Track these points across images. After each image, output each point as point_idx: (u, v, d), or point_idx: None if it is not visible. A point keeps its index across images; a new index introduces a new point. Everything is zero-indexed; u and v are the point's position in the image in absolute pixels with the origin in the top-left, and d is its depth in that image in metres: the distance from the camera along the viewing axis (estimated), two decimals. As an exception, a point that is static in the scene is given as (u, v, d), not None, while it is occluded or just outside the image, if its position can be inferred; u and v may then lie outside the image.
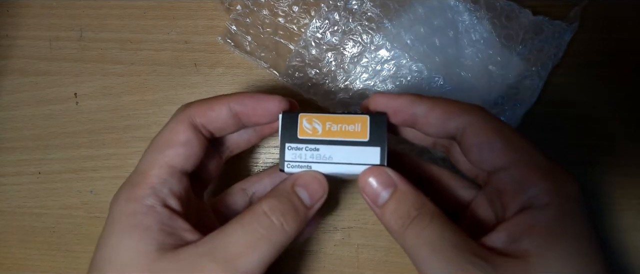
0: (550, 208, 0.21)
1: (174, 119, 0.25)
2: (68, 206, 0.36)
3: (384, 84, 0.35)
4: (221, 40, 0.35)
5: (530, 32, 0.34)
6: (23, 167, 0.36)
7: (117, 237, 0.22)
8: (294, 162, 0.24)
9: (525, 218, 0.21)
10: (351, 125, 0.24)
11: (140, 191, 0.23)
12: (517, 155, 0.22)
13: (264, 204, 0.23)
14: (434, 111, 0.24)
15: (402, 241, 0.22)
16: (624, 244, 0.34)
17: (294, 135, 0.24)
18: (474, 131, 0.23)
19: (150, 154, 0.24)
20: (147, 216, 0.22)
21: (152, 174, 0.23)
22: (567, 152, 0.34)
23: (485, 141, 0.23)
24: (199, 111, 0.25)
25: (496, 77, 0.34)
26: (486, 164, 0.23)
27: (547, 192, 0.21)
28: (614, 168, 0.34)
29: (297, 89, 0.35)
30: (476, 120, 0.23)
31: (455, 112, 0.23)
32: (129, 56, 0.36)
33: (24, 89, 0.37)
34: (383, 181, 0.23)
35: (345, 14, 0.35)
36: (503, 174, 0.22)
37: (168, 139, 0.24)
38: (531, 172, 0.22)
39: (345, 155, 0.24)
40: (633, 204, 0.34)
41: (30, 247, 0.36)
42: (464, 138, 0.23)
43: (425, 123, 0.24)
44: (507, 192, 0.22)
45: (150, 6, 0.37)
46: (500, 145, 0.22)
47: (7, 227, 0.36)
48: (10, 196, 0.36)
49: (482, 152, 0.23)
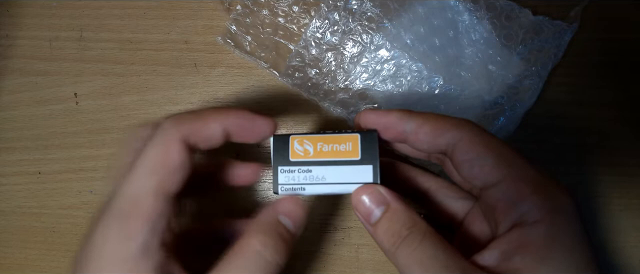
0: (541, 224, 0.21)
1: (166, 136, 0.22)
2: (68, 206, 0.36)
3: (383, 84, 0.35)
4: (221, 40, 0.36)
5: (530, 32, 0.34)
6: (23, 167, 0.36)
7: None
8: (288, 185, 0.24)
9: (516, 235, 0.21)
10: (342, 144, 0.24)
11: (135, 227, 0.20)
12: (507, 170, 0.22)
13: (256, 241, 0.22)
14: (423, 128, 0.24)
15: (394, 260, 0.22)
16: (622, 244, 0.34)
17: (286, 157, 0.24)
18: (464, 147, 0.23)
19: (142, 177, 0.21)
20: (142, 261, 0.20)
21: (147, 205, 0.21)
22: (566, 152, 0.34)
23: (475, 157, 0.23)
24: (194, 128, 0.23)
25: (496, 77, 0.34)
26: (477, 181, 0.23)
27: (538, 208, 0.21)
28: (614, 168, 0.34)
29: (297, 89, 0.35)
30: (466, 135, 0.23)
31: (445, 127, 0.23)
32: (129, 56, 0.36)
33: (24, 89, 0.37)
34: (375, 199, 0.23)
35: (345, 14, 0.35)
36: (494, 190, 0.22)
37: (163, 161, 0.22)
38: (522, 188, 0.22)
39: (338, 175, 0.24)
40: (633, 204, 0.34)
41: (30, 247, 0.36)
42: (454, 154, 0.23)
43: (415, 139, 0.24)
44: (499, 208, 0.22)
45: (150, 6, 0.37)
46: (491, 161, 0.22)
47: (7, 227, 0.36)
48: (10, 196, 0.36)
49: (472, 168, 0.23)
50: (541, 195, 0.21)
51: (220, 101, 0.36)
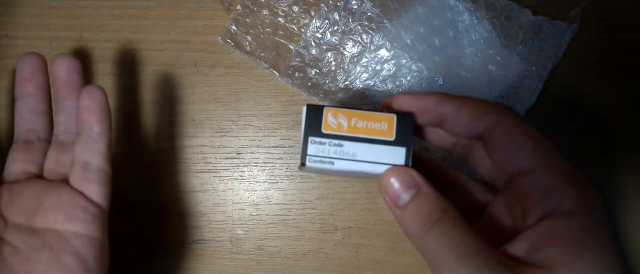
0: (575, 216, 0.20)
1: None
2: (68, 206, 0.36)
3: (383, 84, 0.35)
4: (221, 40, 0.36)
5: (530, 32, 0.34)
6: (23, 167, 0.36)
7: None
8: (317, 157, 0.23)
9: (549, 226, 0.21)
10: (377, 123, 0.24)
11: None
12: (544, 159, 0.22)
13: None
14: (462, 111, 0.23)
15: (421, 245, 0.22)
16: (626, 243, 0.34)
17: (318, 129, 0.24)
18: (502, 130, 0.22)
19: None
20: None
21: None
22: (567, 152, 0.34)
23: (513, 141, 0.22)
24: None
25: (496, 77, 0.34)
26: (511, 166, 0.23)
27: (572, 200, 0.21)
28: (614, 168, 0.34)
29: (297, 89, 0.35)
30: (505, 120, 0.23)
31: (484, 111, 0.23)
32: (129, 56, 0.36)
33: (24, 89, 0.37)
34: (406, 181, 0.23)
35: (345, 14, 0.35)
36: (528, 177, 0.22)
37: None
38: (558, 178, 0.21)
39: (370, 153, 0.23)
40: (633, 203, 0.34)
41: (30, 247, 0.36)
42: (491, 138, 0.23)
43: (453, 123, 0.24)
44: (531, 196, 0.22)
45: (150, 6, 0.37)
46: (528, 147, 0.22)
47: (7, 227, 0.36)
48: (10, 196, 0.36)
49: (508, 153, 0.22)
50: (576, 188, 0.21)
51: (221, 101, 0.36)
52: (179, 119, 0.36)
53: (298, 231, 0.35)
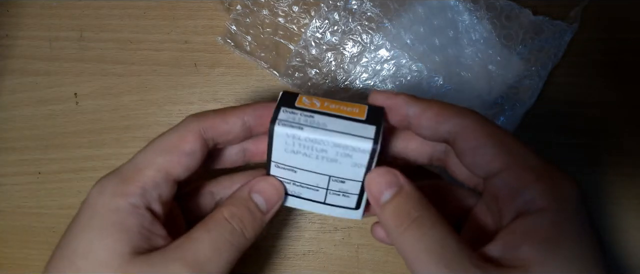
0: (547, 212, 0.20)
1: (183, 126, 0.25)
2: (68, 206, 0.36)
3: (383, 84, 0.35)
4: (221, 40, 0.36)
5: (530, 32, 0.34)
6: (23, 167, 0.36)
7: (96, 233, 0.22)
8: (287, 122, 0.23)
9: (521, 225, 0.21)
10: (350, 107, 0.24)
11: (130, 188, 0.23)
12: (510, 158, 0.22)
13: (225, 210, 0.24)
14: (426, 113, 0.23)
15: (399, 243, 0.22)
16: (624, 244, 0.34)
17: (292, 103, 0.24)
18: (467, 134, 0.23)
19: (150, 153, 0.24)
20: (130, 216, 0.22)
21: (146, 174, 0.23)
22: (566, 152, 0.34)
23: (478, 144, 0.22)
24: (212, 123, 0.25)
25: (496, 77, 0.34)
26: (480, 169, 0.23)
27: (542, 196, 0.21)
28: (614, 168, 0.34)
29: (297, 89, 0.35)
30: (470, 123, 0.23)
31: (449, 114, 0.23)
32: (129, 56, 0.36)
33: (24, 89, 0.37)
34: (388, 180, 0.23)
35: (345, 14, 0.35)
36: (496, 178, 0.22)
37: (173, 145, 0.24)
38: (525, 175, 0.21)
39: (339, 125, 0.23)
40: (633, 204, 0.34)
41: (30, 247, 0.36)
42: (457, 142, 0.23)
43: (418, 124, 0.24)
44: (502, 197, 0.22)
45: (150, 6, 0.37)
46: (493, 149, 0.22)
47: (7, 227, 0.36)
48: (10, 196, 0.36)
49: (474, 156, 0.22)
50: (545, 182, 0.21)
51: (221, 101, 0.36)
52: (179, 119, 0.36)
53: (298, 231, 0.35)
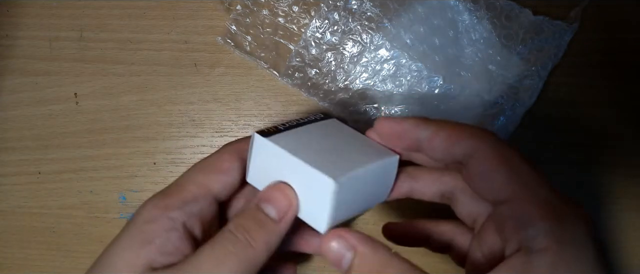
0: (547, 253, 0.19)
1: (222, 148, 0.26)
2: (68, 206, 0.36)
3: (383, 84, 0.35)
4: (221, 40, 0.36)
5: (530, 32, 0.34)
6: (23, 167, 0.36)
7: (124, 244, 0.23)
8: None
9: (520, 262, 0.20)
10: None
11: (170, 201, 0.23)
12: (518, 188, 0.21)
13: (230, 223, 0.23)
14: (439, 134, 0.23)
15: None
16: (624, 244, 0.34)
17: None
18: (480, 157, 0.22)
19: (191, 172, 0.25)
20: (159, 230, 0.23)
21: (187, 189, 0.24)
22: (566, 152, 0.34)
23: (489, 169, 0.21)
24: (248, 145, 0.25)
25: (496, 77, 0.34)
26: (488, 194, 0.22)
27: (545, 236, 0.20)
28: (614, 168, 0.34)
29: (297, 89, 0.35)
30: (483, 146, 0.22)
31: (462, 136, 0.22)
32: (129, 56, 0.36)
33: (24, 89, 0.37)
34: (340, 246, 0.22)
35: (345, 14, 0.35)
36: (504, 207, 0.21)
37: (212, 164, 0.25)
38: (531, 210, 0.20)
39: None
40: (633, 203, 0.34)
41: (30, 247, 0.36)
42: (469, 165, 0.22)
43: (430, 147, 0.23)
44: (507, 227, 0.21)
45: (150, 6, 0.37)
46: (503, 176, 0.21)
47: (7, 227, 0.36)
48: (10, 196, 0.36)
49: (484, 181, 0.22)
50: (551, 221, 0.20)
51: (221, 101, 0.36)
52: (179, 119, 0.36)
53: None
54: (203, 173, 0.25)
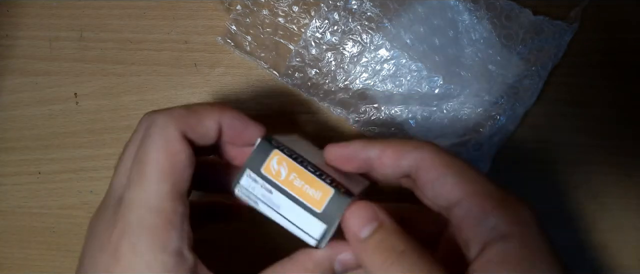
0: (513, 238, 0.21)
1: (165, 134, 0.22)
2: (68, 206, 0.36)
3: (383, 84, 0.35)
4: (221, 40, 0.36)
5: (530, 32, 0.34)
6: (23, 167, 0.36)
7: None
8: (246, 191, 0.24)
9: (495, 253, 0.21)
10: (313, 189, 0.23)
11: (165, 236, 0.21)
12: (469, 187, 0.22)
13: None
14: (385, 152, 0.24)
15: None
16: (624, 244, 0.34)
17: (259, 167, 0.24)
18: (425, 166, 0.23)
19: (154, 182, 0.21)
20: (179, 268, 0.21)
21: (169, 211, 0.21)
22: (566, 152, 0.34)
23: (437, 175, 0.23)
24: (190, 124, 0.23)
25: (496, 76, 0.34)
26: (441, 199, 0.23)
27: (505, 222, 0.21)
28: (614, 168, 0.34)
29: (297, 89, 0.35)
30: (427, 155, 0.23)
31: (407, 149, 0.23)
32: (129, 56, 0.36)
33: (24, 89, 0.37)
34: (367, 215, 0.23)
35: (345, 14, 0.35)
36: (458, 208, 0.22)
37: (171, 162, 0.22)
38: (485, 203, 0.22)
39: (291, 213, 0.23)
40: (633, 204, 0.34)
41: (30, 247, 0.36)
42: (418, 175, 0.23)
43: (380, 164, 0.24)
44: (465, 226, 0.22)
45: (150, 6, 0.37)
46: (452, 179, 0.22)
47: (7, 227, 0.36)
48: (10, 196, 0.36)
49: (434, 187, 0.23)
50: (505, 209, 0.21)
51: (221, 101, 0.36)
52: (179, 119, 0.36)
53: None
54: (168, 180, 0.22)
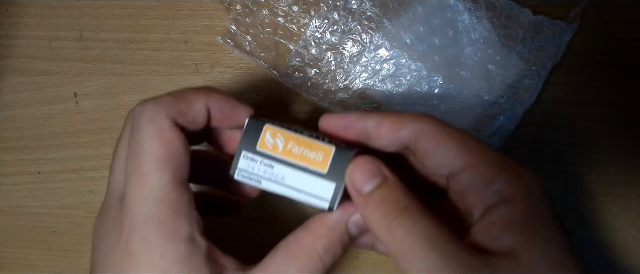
0: (517, 201, 0.21)
1: (156, 124, 0.22)
2: (68, 206, 0.36)
3: (383, 84, 0.35)
4: (221, 40, 0.36)
5: (530, 32, 0.34)
6: (23, 167, 0.36)
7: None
8: (246, 172, 0.23)
9: (498, 215, 0.21)
10: (314, 152, 0.23)
11: (176, 226, 0.21)
12: (472, 155, 0.22)
13: (321, 246, 0.23)
14: (384, 123, 0.24)
15: (387, 234, 0.21)
16: (624, 244, 0.34)
17: (254, 145, 0.23)
18: (426, 137, 0.23)
19: (154, 174, 0.21)
20: (194, 257, 0.21)
21: (175, 200, 0.21)
22: (566, 152, 0.34)
23: (439, 145, 0.23)
24: (179, 110, 0.22)
25: (496, 76, 0.34)
26: (443, 169, 0.23)
27: (510, 187, 0.21)
28: (614, 168, 0.34)
29: (297, 89, 0.35)
30: (427, 126, 0.23)
31: (405, 121, 0.23)
32: (129, 56, 0.36)
33: (24, 89, 0.37)
34: (371, 170, 0.22)
35: (345, 14, 0.35)
36: (461, 175, 0.22)
37: (168, 151, 0.21)
38: (489, 170, 0.22)
39: (298, 181, 0.23)
40: (633, 203, 0.34)
41: (30, 247, 0.36)
42: (418, 146, 0.23)
43: (377, 135, 0.24)
44: (469, 192, 0.22)
45: (150, 6, 0.37)
46: (454, 147, 0.22)
47: (7, 227, 0.36)
48: (10, 196, 0.36)
49: (436, 156, 0.23)
50: (509, 174, 0.22)
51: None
52: (179, 119, 0.36)
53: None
54: (168, 170, 0.22)
